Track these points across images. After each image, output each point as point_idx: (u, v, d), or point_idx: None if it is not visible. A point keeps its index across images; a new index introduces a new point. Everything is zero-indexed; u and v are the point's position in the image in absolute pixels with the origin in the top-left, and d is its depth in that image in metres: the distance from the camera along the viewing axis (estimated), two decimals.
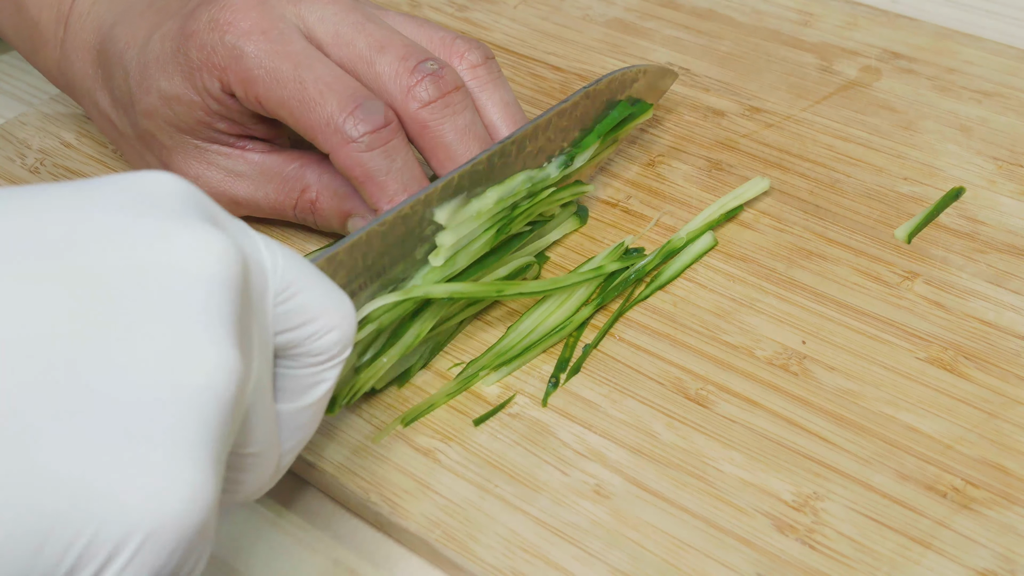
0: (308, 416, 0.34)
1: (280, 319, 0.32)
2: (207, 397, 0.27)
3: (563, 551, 0.38)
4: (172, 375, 0.27)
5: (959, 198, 0.51)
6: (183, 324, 0.27)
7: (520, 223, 0.46)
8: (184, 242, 0.28)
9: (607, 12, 0.65)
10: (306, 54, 0.43)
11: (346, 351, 0.34)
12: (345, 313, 0.33)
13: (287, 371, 0.33)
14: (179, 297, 0.28)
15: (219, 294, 0.28)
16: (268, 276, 0.31)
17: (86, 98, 0.51)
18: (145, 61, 0.46)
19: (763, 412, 0.42)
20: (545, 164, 0.47)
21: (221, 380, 0.27)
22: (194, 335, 0.27)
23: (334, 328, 0.33)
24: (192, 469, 0.27)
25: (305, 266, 0.33)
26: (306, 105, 0.43)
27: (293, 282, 0.32)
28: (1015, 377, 0.43)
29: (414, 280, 0.43)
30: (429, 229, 0.43)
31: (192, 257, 0.28)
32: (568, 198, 0.48)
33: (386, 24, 0.45)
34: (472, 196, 0.44)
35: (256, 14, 0.43)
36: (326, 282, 0.33)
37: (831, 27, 0.63)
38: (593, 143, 0.49)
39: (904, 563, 0.37)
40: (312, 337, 0.33)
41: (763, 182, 0.51)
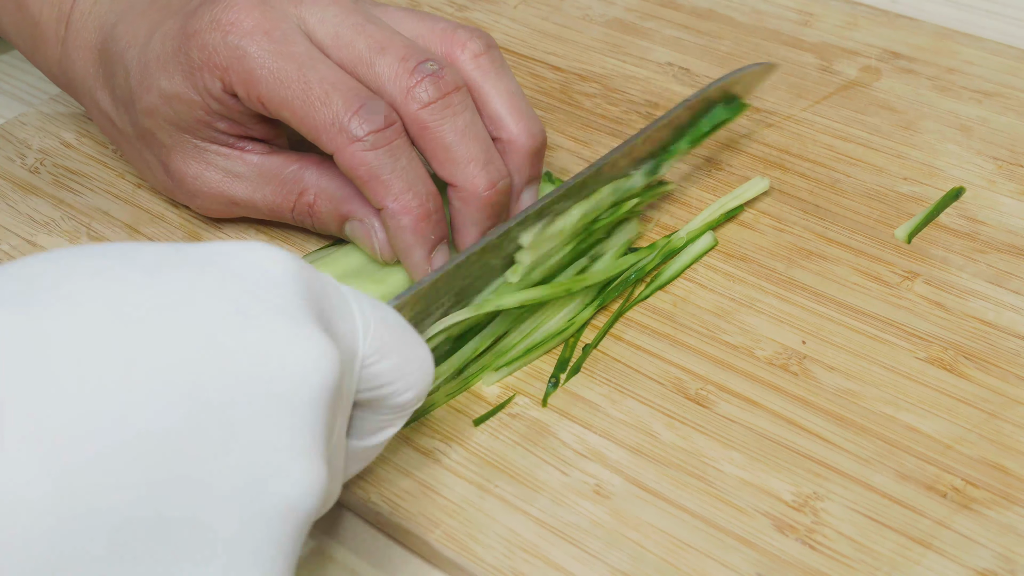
0: (371, 453, 0.36)
1: (365, 380, 0.33)
2: (292, 514, 0.28)
3: (563, 551, 0.38)
4: (262, 493, 0.27)
5: (959, 198, 0.51)
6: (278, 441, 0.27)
7: (598, 235, 0.46)
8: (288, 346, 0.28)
9: (607, 12, 0.65)
10: (309, 55, 0.43)
11: (420, 402, 0.35)
12: (425, 371, 0.34)
13: (361, 414, 0.35)
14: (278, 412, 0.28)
15: (318, 408, 0.28)
16: (359, 342, 0.32)
17: (87, 97, 0.51)
18: (146, 60, 0.46)
19: (763, 412, 0.42)
20: (632, 172, 0.47)
21: (307, 497, 0.28)
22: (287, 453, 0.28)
23: (413, 387, 0.34)
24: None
25: (394, 327, 0.34)
26: (310, 105, 0.43)
27: (381, 347, 0.33)
28: (1015, 377, 0.43)
29: (485, 293, 0.43)
30: (512, 246, 0.44)
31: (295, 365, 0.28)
32: (648, 200, 0.48)
33: (386, 25, 0.45)
34: (557, 214, 0.44)
35: (259, 14, 0.43)
36: (411, 341, 0.34)
37: (831, 27, 0.63)
38: (683, 150, 0.48)
39: (904, 563, 0.37)
40: (392, 395, 0.34)
41: (763, 182, 0.51)
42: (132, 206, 0.52)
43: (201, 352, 0.27)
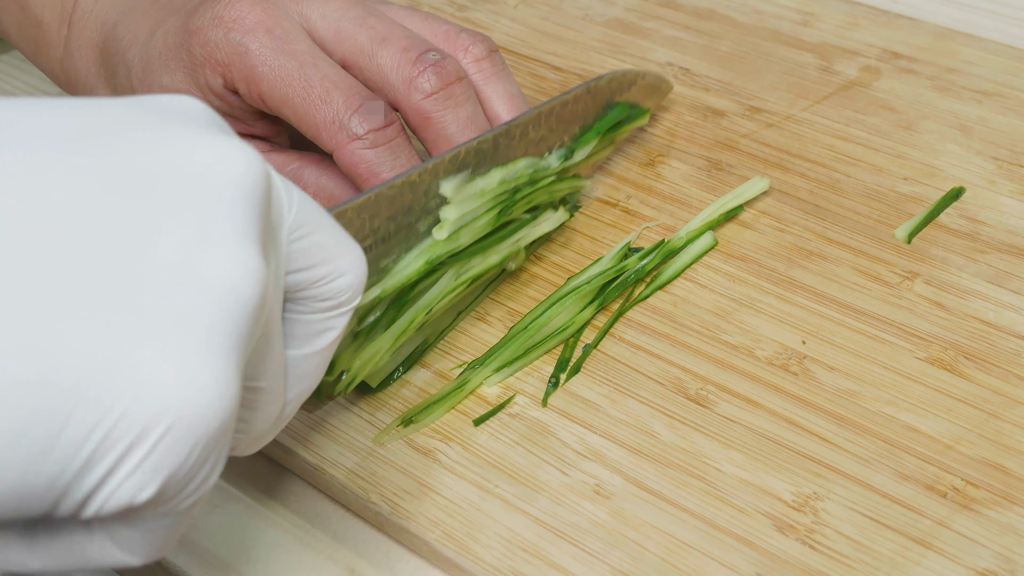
0: (313, 364, 0.34)
1: (293, 257, 0.32)
2: (234, 296, 0.27)
3: (563, 551, 0.38)
4: (202, 271, 0.26)
5: (959, 198, 0.51)
6: (213, 223, 0.27)
7: (520, 208, 0.46)
8: (215, 147, 0.28)
9: (607, 12, 0.65)
10: (311, 53, 0.43)
11: (356, 299, 0.34)
12: (356, 259, 0.33)
13: (296, 316, 0.33)
14: (209, 197, 0.27)
15: (247, 200, 0.28)
16: (284, 209, 0.31)
17: (88, 96, 0.51)
18: (148, 58, 0.46)
19: (763, 412, 0.42)
20: (547, 154, 0.48)
21: (247, 282, 0.27)
22: (224, 235, 0.27)
23: (345, 273, 0.33)
24: (219, 363, 0.26)
25: (319, 209, 0.33)
26: (311, 103, 0.43)
27: (307, 221, 0.32)
28: (1015, 377, 0.43)
29: (414, 253, 0.43)
30: (433, 202, 0.43)
31: (222, 161, 0.28)
32: (566, 190, 0.49)
33: (387, 18, 0.45)
34: (476, 174, 0.44)
35: (260, 11, 0.44)
36: (339, 228, 0.33)
37: (831, 27, 0.63)
38: (592, 140, 0.50)
39: (904, 563, 0.37)
40: (323, 280, 0.33)
41: (763, 182, 0.51)
42: None
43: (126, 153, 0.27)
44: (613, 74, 0.50)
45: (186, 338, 0.26)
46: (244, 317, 0.27)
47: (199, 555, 0.40)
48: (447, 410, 0.43)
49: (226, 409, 0.26)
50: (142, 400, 0.25)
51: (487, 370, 0.44)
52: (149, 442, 0.25)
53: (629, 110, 0.52)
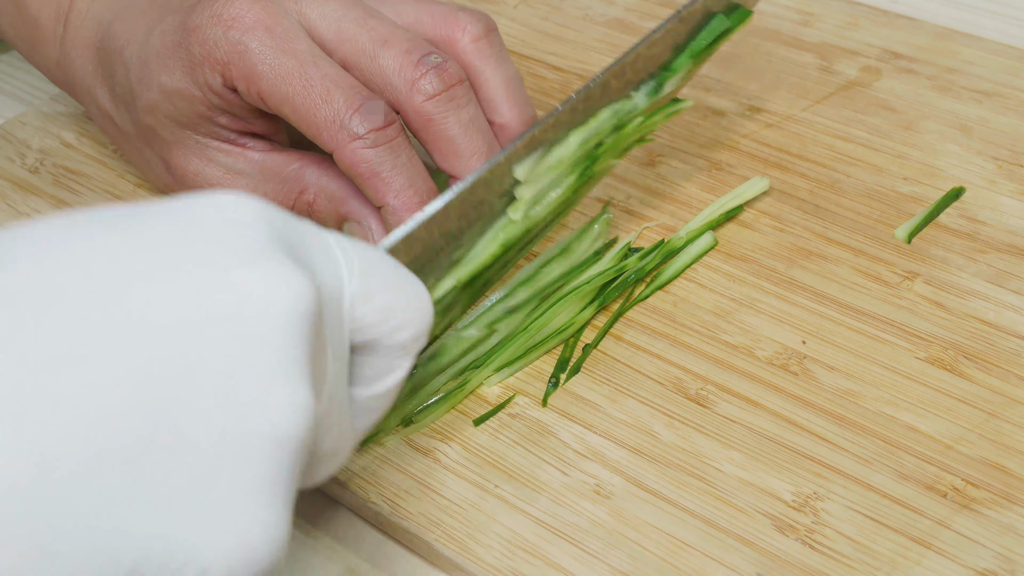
0: (380, 401, 0.35)
1: (356, 321, 0.32)
2: (280, 443, 0.27)
3: (563, 551, 0.38)
4: (246, 422, 0.27)
5: (959, 198, 0.51)
6: (255, 371, 0.27)
7: (604, 161, 0.44)
8: (258, 277, 0.28)
9: (607, 12, 0.65)
10: (311, 52, 0.43)
11: (422, 341, 0.34)
12: (421, 308, 0.34)
13: (363, 359, 0.34)
14: (252, 342, 0.27)
15: (294, 332, 0.28)
16: (344, 281, 0.31)
17: (86, 96, 0.51)
18: (146, 56, 0.46)
19: (763, 412, 0.42)
20: (632, 93, 0.45)
21: (294, 424, 0.28)
22: (267, 380, 0.27)
23: (410, 324, 0.34)
24: (267, 512, 0.27)
25: (382, 265, 0.33)
26: (311, 102, 0.43)
27: (368, 286, 0.32)
28: (1015, 377, 0.43)
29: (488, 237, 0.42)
30: (507, 183, 0.42)
31: (267, 295, 0.28)
32: (662, 121, 0.46)
33: (388, 19, 0.45)
34: (552, 144, 0.42)
35: (260, 9, 0.44)
36: (403, 278, 0.34)
37: (831, 27, 0.63)
38: (685, 65, 0.46)
39: (904, 563, 0.37)
40: (388, 335, 0.33)
41: (763, 182, 0.51)
42: None
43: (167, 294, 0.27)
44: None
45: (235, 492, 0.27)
46: (293, 455, 0.28)
47: None
48: (447, 410, 0.43)
49: (275, 552, 0.27)
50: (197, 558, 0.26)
51: (487, 370, 0.44)
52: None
53: (727, 21, 0.46)
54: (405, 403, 0.42)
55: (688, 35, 0.46)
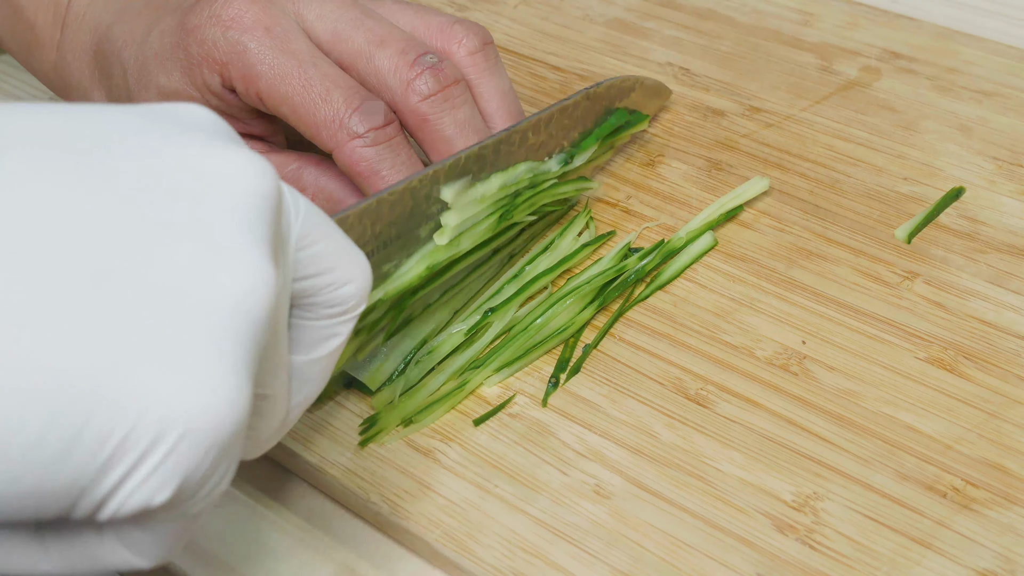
0: (318, 369, 0.34)
1: (299, 265, 0.32)
2: (247, 304, 0.27)
3: (563, 551, 0.38)
4: (213, 281, 0.27)
5: (959, 198, 0.51)
6: (225, 233, 0.27)
7: (521, 212, 0.46)
8: (226, 157, 0.29)
9: (607, 12, 0.65)
10: (309, 52, 0.44)
11: (361, 305, 0.34)
12: (362, 267, 0.34)
13: (302, 322, 0.33)
14: (221, 208, 0.28)
15: (260, 210, 0.28)
16: (291, 218, 0.31)
17: (82, 99, 0.51)
18: (144, 58, 0.46)
19: (763, 412, 0.42)
20: (547, 159, 0.48)
21: (260, 290, 0.27)
22: (237, 245, 0.27)
23: (351, 280, 0.33)
24: (230, 372, 0.26)
25: (325, 217, 0.33)
26: (311, 102, 0.43)
27: (314, 230, 0.32)
28: (1015, 377, 0.43)
29: (415, 259, 0.43)
30: (434, 207, 0.43)
31: (234, 171, 0.28)
32: (573, 192, 0.49)
33: (384, 19, 0.45)
34: (477, 180, 0.44)
35: (258, 10, 0.44)
36: (344, 236, 0.34)
37: (831, 27, 0.63)
38: (591, 145, 0.50)
39: (904, 563, 0.37)
40: (329, 287, 0.33)
41: (763, 182, 0.51)
42: None
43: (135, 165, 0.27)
44: (612, 80, 0.51)
45: (200, 347, 0.26)
46: (257, 325, 0.27)
47: (200, 555, 0.40)
48: (447, 410, 0.43)
49: (239, 415, 0.26)
50: (157, 407, 0.25)
51: (487, 370, 0.44)
52: (165, 447, 0.26)
53: (628, 116, 0.52)
54: (405, 403, 0.42)
55: (595, 122, 0.51)
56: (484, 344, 0.45)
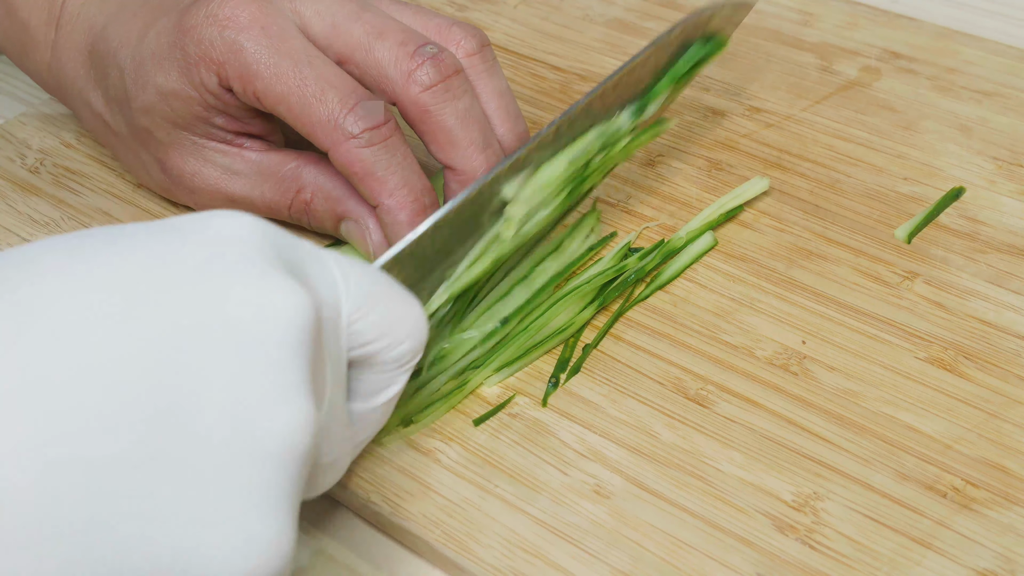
0: (377, 416, 0.36)
1: (354, 336, 0.33)
2: (286, 450, 0.28)
3: (563, 551, 0.38)
4: (251, 432, 0.27)
5: (959, 198, 0.51)
6: (258, 383, 0.28)
7: (593, 180, 0.45)
8: (259, 293, 0.29)
9: (607, 12, 0.65)
10: (306, 51, 0.43)
11: (417, 356, 0.35)
12: (416, 323, 0.35)
13: (360, 375, 0.35)
14: (254, 355, 0.28)
15: (295, 346, 0.29)
16: (341, 299, 0.32)
17: (78, 99, 0.51)
18: (141, 58, 0.46)
19: (763, 412, 0.42)
20: (616, 114, 0.46)
21: (296, 435, 0.28)
22: (269, 393, 0.28)
23: (406, 339, 0.35)
24: (272, 523, 0.28)
25: (377, 281, 0.34)
26: (306, 101, 0.43)
27: (365, 303, 0.33)
28: (1015, 377, 0.43)
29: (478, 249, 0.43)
30: (498, 202, 0.43)
31: (268, 309, 0.28)
32: (647, 140, 0.47)
33: (381, 12, 0.45)
34: (539, 164, 0.43)
35: (255, 8, 0.44)
36: (397, 294, 0.35)
37: (831, 27, 0.63)
38: (666, 89, 0.47)
39: (904, 563, 0.37)
40: (386, 349, 0.34)
41: (763, 182, 0.51)
42: (132, 206, 0.52)
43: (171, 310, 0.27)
44: (687, 20, 0.47)
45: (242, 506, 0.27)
46: (297, 464, 0.28)
47: None
48: (447, 410, 0.43)
49: (281, 561, 0.28)
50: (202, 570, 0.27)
51: (487, 370, 0.44)
52: None
53: (704, 48, 0.48)
54: (405, 404, 0.42)
55: (668, 61, 0.48)
56: (490, 346, 0.44)
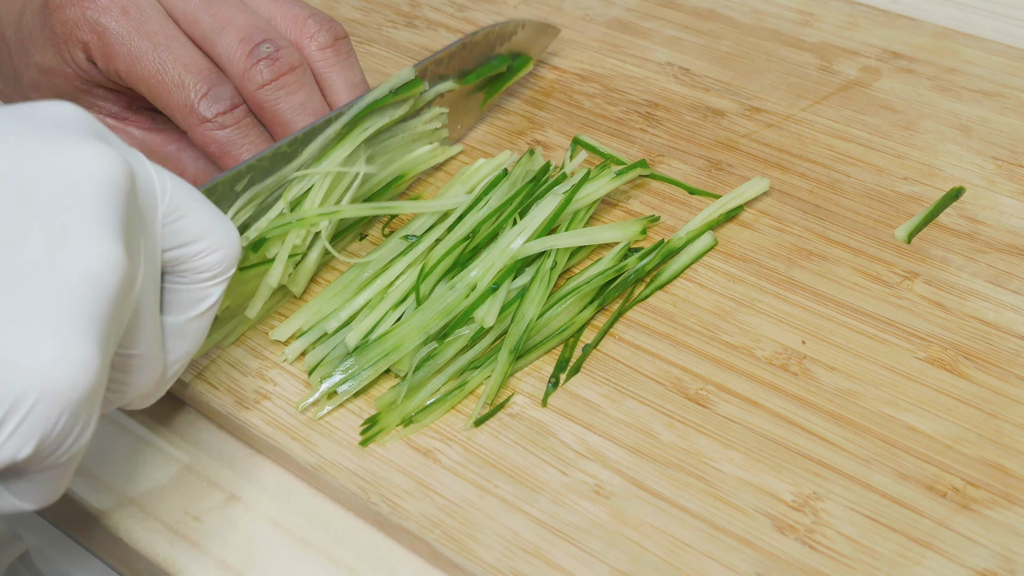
0: (194, 328, 0.38)
1: (168, 237, 0.36)
2: (92, 282, 0.31)
3: (563, 551, 0.38)
4: (61, 261, 0.30)
5: (959, 198, 0.51)
6: (75, 221, 0.31)
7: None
8: (75, 151, 0.32)
9: (607, 12, 0.65)
10: (164, 33, 0.45)
11: (230, 270, 0.38)
12: (230, 236, 0.37)
13: (175, 286, 0.37)
14: (71, 198, 0.31)
15: (106, 198, 0.32)
16: (158, 197, 0.35)
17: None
18: (21, 37, 0.48)
19: (763, 412, 0.42)
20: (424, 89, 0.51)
21: (105, 268, 0.31)
22: (81, 229, 0.31)
23: (219, 248, 0.37)
24: (79, 342, 0.30)
25: (192, 192, 0.36)
26: (164, 86, 0.45)
27: (180, 205, 0.36)
28: (1015, 377, 0.43)
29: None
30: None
31: (83, 164, 0.32)
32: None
33: (233, 3, 0.47)
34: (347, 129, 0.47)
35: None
36: (212, 209, 0.37)
37: (831, 27, 0.63)
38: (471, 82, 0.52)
39: (904, 563, 0.37)
40: (198, 255, 0.37)
41: (763, 182, 0.51)
42: None
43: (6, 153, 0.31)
44: (492, 27, 0.52)
45: (50, 323, 0.30)
46: (105, 300, 0.31)
47: (199, 554, 0.40)
48: (447, 410, 0.43)
49: (87, 381, 0.30)
50: (11, 377, 0.29)
51: (487, 370, 0.44)
52: (21, 411, 0.29)
53: (509, 60, 0.53)
54: (405, 403, 0.42)
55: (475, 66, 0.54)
56: (485, 345, 0.44)
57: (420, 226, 0.48)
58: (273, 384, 0.44)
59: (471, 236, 0.46)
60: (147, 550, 0.40)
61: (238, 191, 0.44)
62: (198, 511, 0.41)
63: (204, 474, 0.42)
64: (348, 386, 0.43)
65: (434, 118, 0.52)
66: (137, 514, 0.41)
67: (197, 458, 0.43)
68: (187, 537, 0.40)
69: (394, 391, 0.42)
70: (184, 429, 0.44)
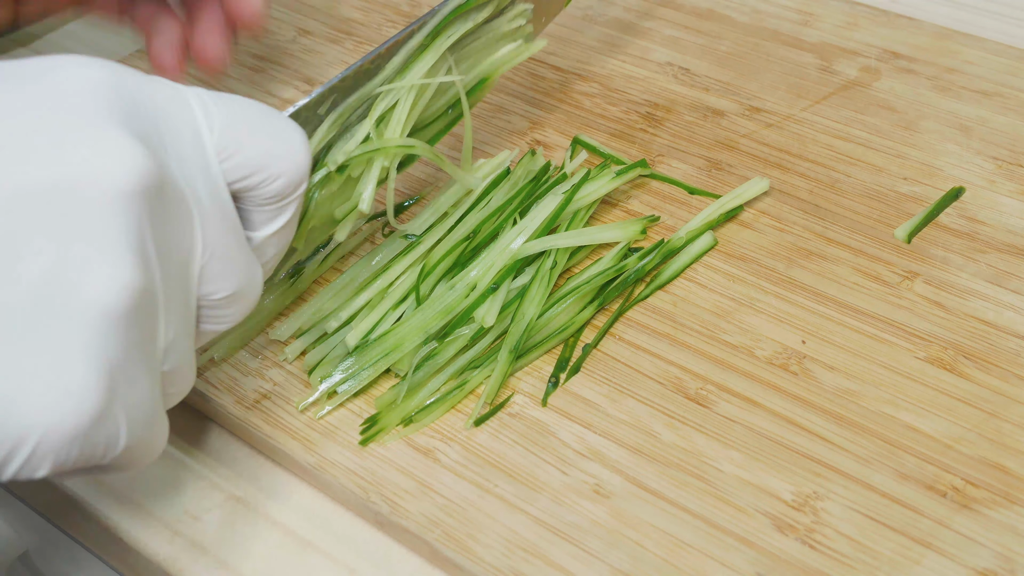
0: (277, 239, 0.38)
1: (229, 172, 0.34)
2: (98, 309, 0.29)
3: (563, 551, 0.38)
4: (65, 291, 0.28)
5: (959, 198, 0.51)
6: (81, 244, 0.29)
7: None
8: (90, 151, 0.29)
9: (607, 12, 0.65)
10: None
11: (299, 189, 0.37)
12: (295, 158, 0.36)
13: (248, 207, 0.36)
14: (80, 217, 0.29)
15: (121, 210, 0.29)
16: (204, 136, 0.33)
17: None
18: None
19: (763, 412, 0.42)
20: None
21: (113, 297, 0.29)
22: (93, 250, 0.29)
23: (280, 176, 0.35)
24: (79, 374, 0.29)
25: (250, 119, 0.35)
26: None
27: (231, 142, 0.34)
28: (1015, 377, 0.43)
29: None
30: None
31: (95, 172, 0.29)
32: None
33: None
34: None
35: None
36: (273, 127, 0.36)
37: (831, 27, 0.63)
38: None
39: (904, 563, 0.37)
40: (261, 184, 0.35)
41: (763, 182, 0.51)
42: None
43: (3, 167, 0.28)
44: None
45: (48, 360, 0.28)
46: (112, 326, 0.29)
47: (199, 554, 0.40)
48: (447, 410, 0.43)
49: (89, 410, 0.29)
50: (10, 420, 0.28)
51: (487, 370, 0.44)
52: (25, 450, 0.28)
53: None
54: (405, 403, 0.42)
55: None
56: (485, 344, 0.44)
57: (420, 226, 0.48)
58: (273, 384, 0.44)
59: (471, 236, 0.47)
60: (147, 550, 0.40)
61: (322, 114, 0.43)
62: (198, 511, 0.41)
63: (204, 474, 0.42)
64: (348, 386, 0.43)
65: (519, 15, 0.51)
66: (137, 514, 0.41)
67: (197, 458, 0.43)
68: (187, 537, 0.40)
69: (394, 391, 0.42)
70: (184, 429, 0.44)
